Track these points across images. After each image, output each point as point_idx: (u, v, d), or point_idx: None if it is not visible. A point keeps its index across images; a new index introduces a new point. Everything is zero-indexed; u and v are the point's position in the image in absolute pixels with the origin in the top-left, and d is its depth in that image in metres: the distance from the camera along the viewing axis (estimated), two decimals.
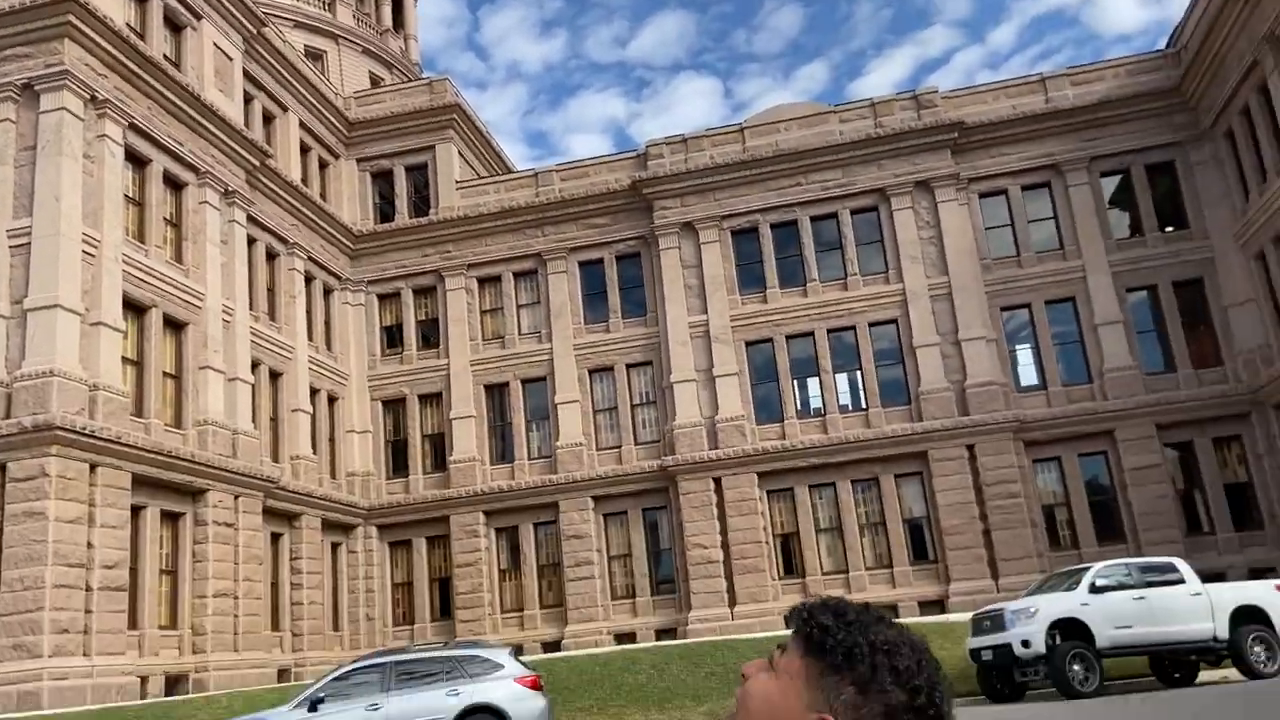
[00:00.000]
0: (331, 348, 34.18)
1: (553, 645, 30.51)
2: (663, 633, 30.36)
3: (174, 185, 26.89)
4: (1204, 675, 17.74)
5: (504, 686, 14.88)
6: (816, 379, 32.23)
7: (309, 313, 32.94)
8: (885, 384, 31.63)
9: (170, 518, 24.70)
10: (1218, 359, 30.20)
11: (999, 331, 31.49)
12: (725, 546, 30.71)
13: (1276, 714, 11.28)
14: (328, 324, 34.31)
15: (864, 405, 31.66)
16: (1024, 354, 31.81)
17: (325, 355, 33.49)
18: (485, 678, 14.95)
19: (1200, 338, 30.69)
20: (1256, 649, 16.49)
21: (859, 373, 31.99)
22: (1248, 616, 16.65)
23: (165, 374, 25.60)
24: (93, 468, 21.84)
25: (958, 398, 30.62)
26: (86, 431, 21.47)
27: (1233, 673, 17.10)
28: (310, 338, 32.68)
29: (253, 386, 28.53)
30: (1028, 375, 31.61)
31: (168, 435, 24.80)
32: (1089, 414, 30.10)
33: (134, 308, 24.70)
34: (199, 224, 27.20)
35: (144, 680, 22.45)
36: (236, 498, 26.21)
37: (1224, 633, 16.53)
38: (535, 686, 15.13)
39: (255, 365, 29.06)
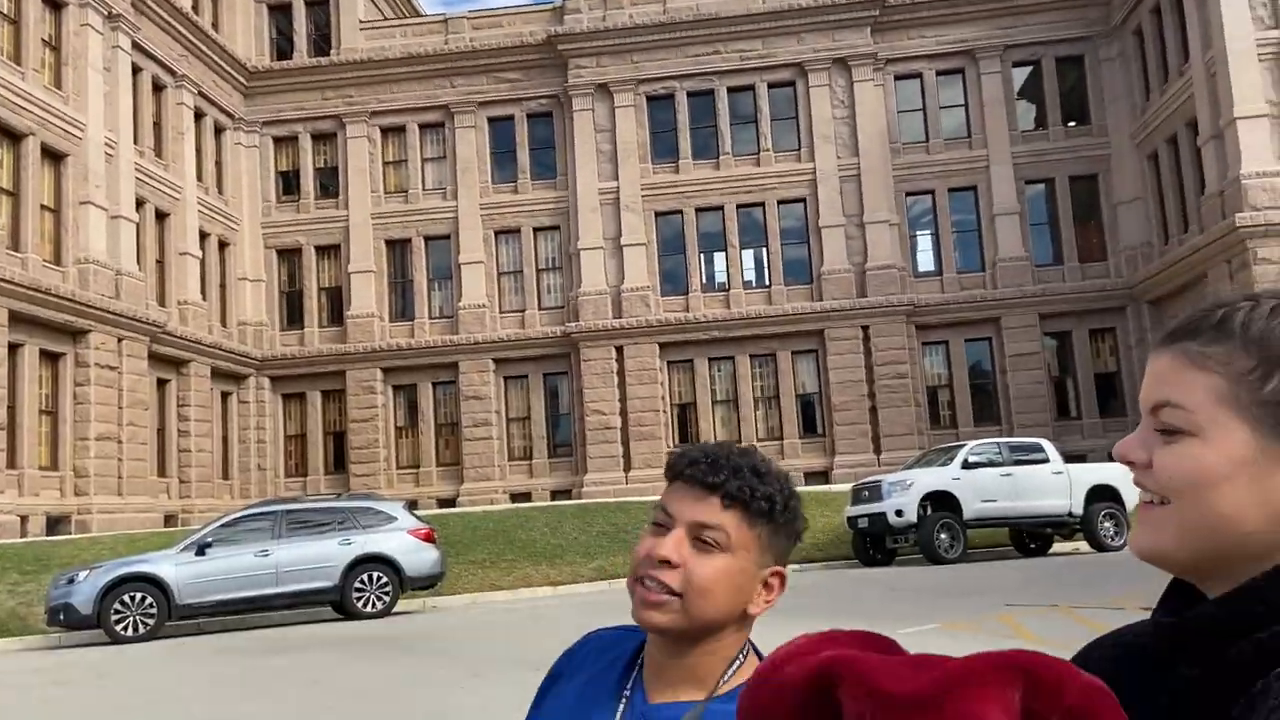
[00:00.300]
0: (223, 190, 32.73)
1: (448, 502, 30.93)
2: (558, 494, 31.04)
3: (53, 4, 24.88)
4: (1057, 547, 19.13)
5: (397, 538, 15.13)
6: (723, 254, 32.45)
7: (199, 152, 31.35)
8: (789, 262, 32.06)
9: (50, 357, 23.81)
10: (1102, 254, 31.48)
11: (902, 216, 32.05)
12: (624, 414, 31.26)
13: (1112, 578, 12.28)
14: (219, 165, 32.74)
15: (767, 282, 32.11)
16: (924, 240, 32.55)
17: (215, 198, 32.08)
18: (378, 529, 15.16)
19: (1089, 232, 31.87)
20: (1106, 524, 17.84)
21: (764, 250, 32.30)
22: (1101, 495, 17.95)
23: (43, 207, 24.24)
24: None
25: (857, 279, 31.29)
26: None
27: (1083, 545, 18.49)
28: (200, 178, 31.20)
29: (137, 226, 27.28)
30: (925, 261, 32.44)
31: (46, 272, 23.65)
32: (978, 301, 31.19)
33: (9, 134, 23.12)
34: (80, 48, 25.33)
35: (24, 519, 22.04)
36: (120, 340, 25.36)
37: (1079, 509, 17.82)
38: (428, 539, 15.43)
39: (140, 204, 27.71)
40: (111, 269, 25.49)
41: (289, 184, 34.23)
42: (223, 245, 32.33)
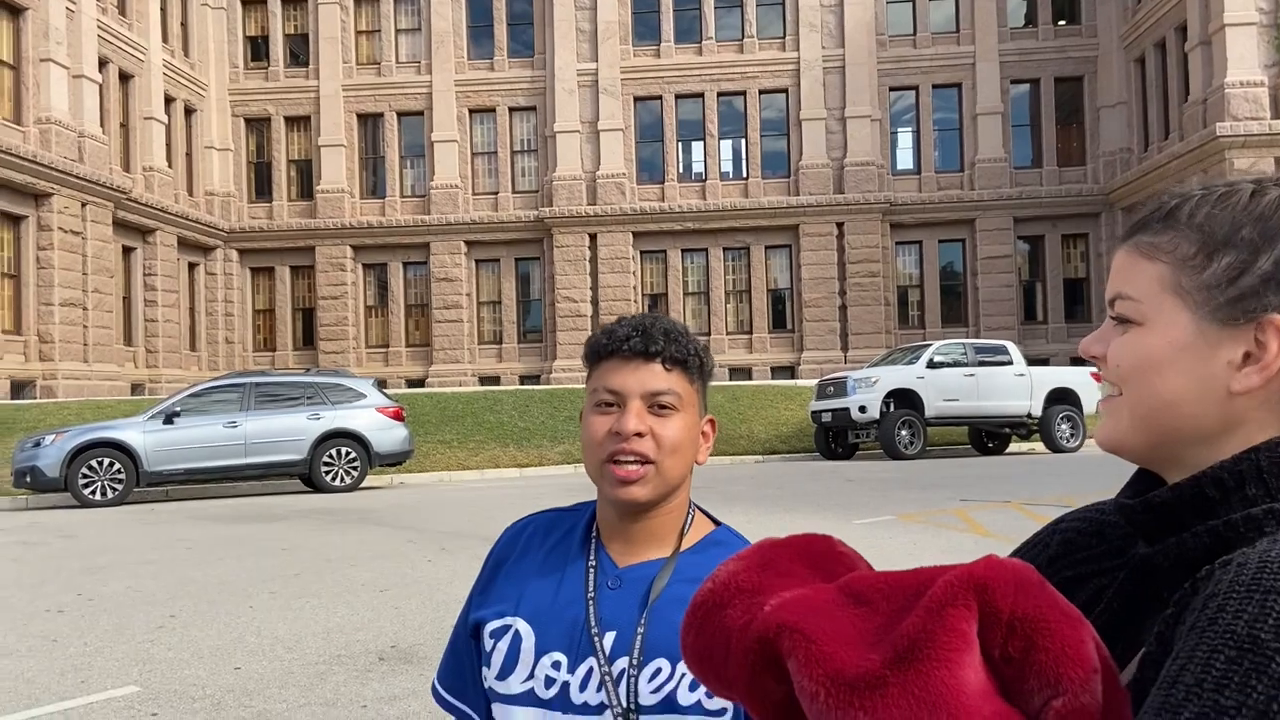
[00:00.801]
0: (189, 54, 31.59)
1: (417, 383, 31.04)
2: (526, 379, 31.21)
3: None
4: (1013, 447, 19.62)
5: (366, 415, 15.23)
6: (701, 143, 31.98)
7: (164, 11, 30.13)
8: (768, 155, 31.69)
9: (11, 220, 23.29)
10: (1082, 158, 31.39)
11: (884, 112, 31.63)
12: (595, 302, 31.23)
13: (1065, 478, 12.70)
14: (184, 27, 31.50)
15: (745, 174, 31.78)
16: (904, 137, 32.22)
17: (182, 61, 30.97)
18: (347, 405, 15.23)
19: (1070, 136, 31.69)
20: (1063, 426, 18.29)
21: (744, 141, 31.87)
22: (1060, 398, 18.35)
23: (2, 63, 23.36)
24: None
25: (835, 175, 31.05)
26: None
27: (1039, 446, 18.98)
28: (165, 40, 30.05)
29: (100, 87, 26.36)
30: (904, 159, 32.18)
31: (6, 131, 22.92)
32: (955, 202, 31.13)
33: None
34: None
35: None
36: (84, 205, 24.81)
37: (1038, 410, 18.23)
38: (397, 417, 15.54)
39: (103, 64, 26.73)
40: (74, 130, 24.75)
41: (258, 50, 33.08)
42: (189, 111, 31.39)
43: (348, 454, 14.91)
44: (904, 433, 17.58)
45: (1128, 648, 0.77)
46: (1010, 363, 18.64)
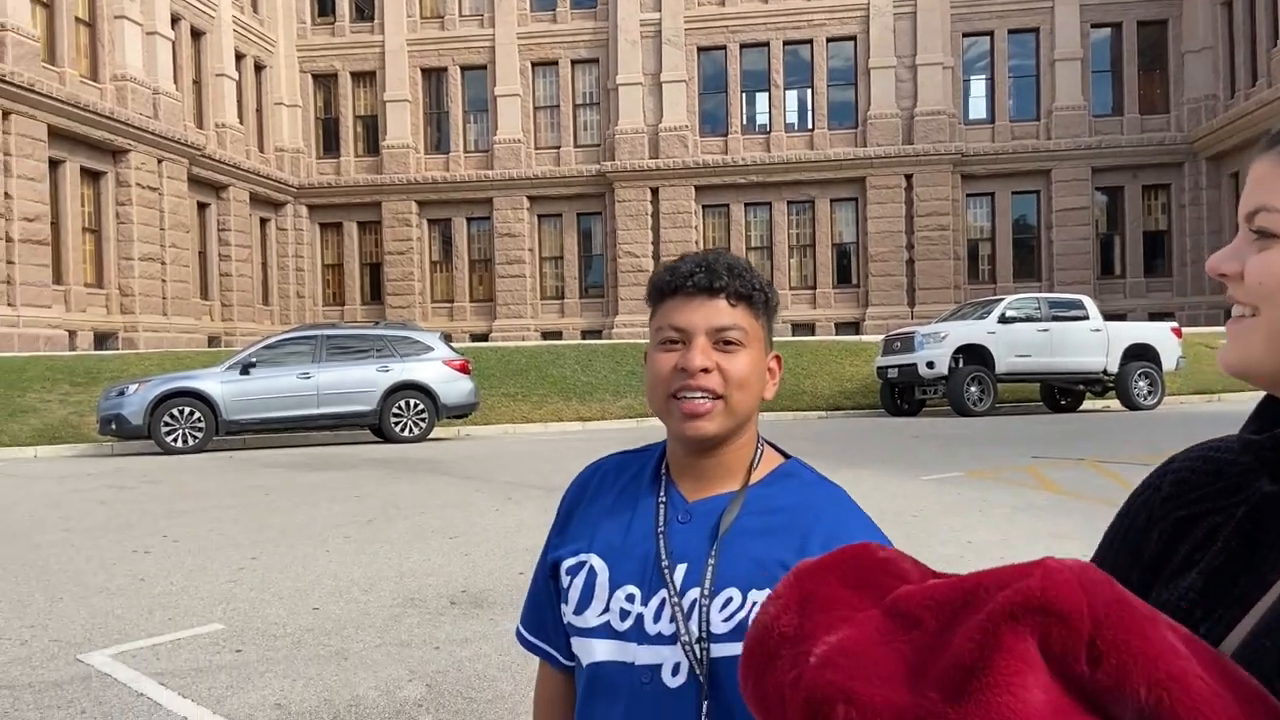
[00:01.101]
0: (258, 10, 31.93)
1: (481, 337, 31.36)
2: (588, 334, 31.33)
3: None
4: (1087, 404, 19.17)
5: (433, 368, 15.45)
6: (766, 94, 31.46)
7: None
8: (834, 105, 31.06)
9: (91, 176, 23.94)
10: (1165, 106, 30.20)
11: (957, 59, 30.74)
12: (656, 256, 31.13)
13: (1142, 435, 12.39)
14: None
15: (810, 126, 31.22)
16: (978, 85, 31.31)
17: (251, 18, 31.32)
18: (415, 358, 15.46)
19: (1152, 82, 30.49)
20: (1140, 383, 17.80)
21: (809, 91, 31.26)
22: (1138, 354, 17.83)
23: (79, 20, 23.84)
24: (5, 115, 20.76)
25: (904, 125, 30.34)
26: None
27: (1115, 404, 18.52)
28: None
29: (173, 44, 26.81)
30: (977, 108, 31.30)
31: (84, 88, 23.47)
32: (1030, 152, 30.24)
33: None
34: None
35: (72, 335, 22.68)
36: (160, 161, 25.38)
37: (1114, 367, 17.75)
38: (463, 370, 15.74)
39: (175, 21, 27.17)
40: (149, 88, 25.26)
41: (324, 5, 33.29)
42: (259, 68, 31.80)
43: (416, 406, 15.16)
44: (973, 389, 17.24)
45: (1249, 586, 0.73)
46: (1086, 318, 18.12)
